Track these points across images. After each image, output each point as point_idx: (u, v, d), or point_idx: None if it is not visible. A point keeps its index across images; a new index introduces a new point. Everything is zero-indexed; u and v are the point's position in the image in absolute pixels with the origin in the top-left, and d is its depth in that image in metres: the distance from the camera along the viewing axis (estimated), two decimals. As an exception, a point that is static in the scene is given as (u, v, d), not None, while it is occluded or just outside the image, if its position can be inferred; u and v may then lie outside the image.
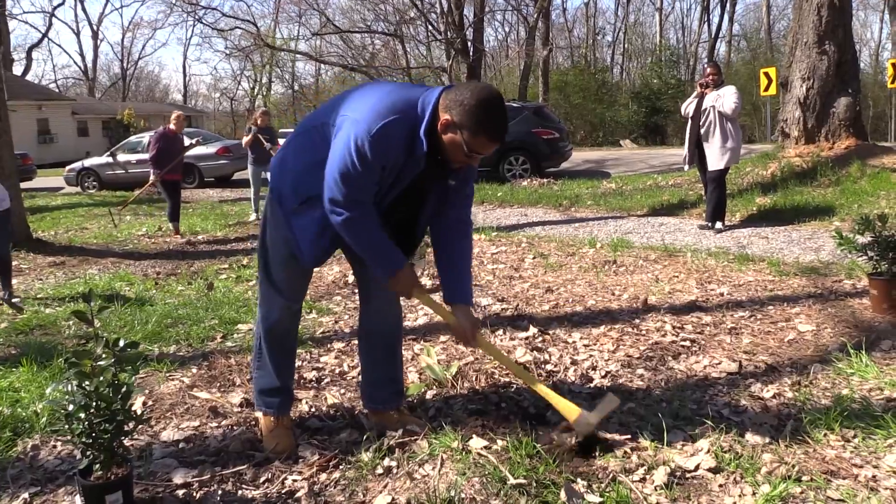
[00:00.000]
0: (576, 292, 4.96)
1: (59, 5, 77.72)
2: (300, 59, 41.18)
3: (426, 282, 5.51)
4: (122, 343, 2.26)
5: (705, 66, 7.69)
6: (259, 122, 10.31)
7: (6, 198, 5.55)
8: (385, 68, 33.09)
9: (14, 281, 6.52)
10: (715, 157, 7.10)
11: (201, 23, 35.20)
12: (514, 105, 15.01)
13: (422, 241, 2.67)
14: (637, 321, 4.12)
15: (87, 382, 2.18)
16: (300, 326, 4.37)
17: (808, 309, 4.25)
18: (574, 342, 3.79)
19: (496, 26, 45.09)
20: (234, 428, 2.84)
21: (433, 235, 2.56)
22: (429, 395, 3.04)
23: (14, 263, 7.37)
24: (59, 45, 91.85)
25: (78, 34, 67.66)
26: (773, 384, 3.06)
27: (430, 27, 29.33)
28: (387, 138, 2.16)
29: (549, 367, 3.34)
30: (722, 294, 4.69)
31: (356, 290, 5.34)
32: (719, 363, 3.33)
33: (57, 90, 46.23)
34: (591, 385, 3.13)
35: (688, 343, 3.66)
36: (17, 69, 42.12)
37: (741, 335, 3.80)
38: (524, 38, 29.75)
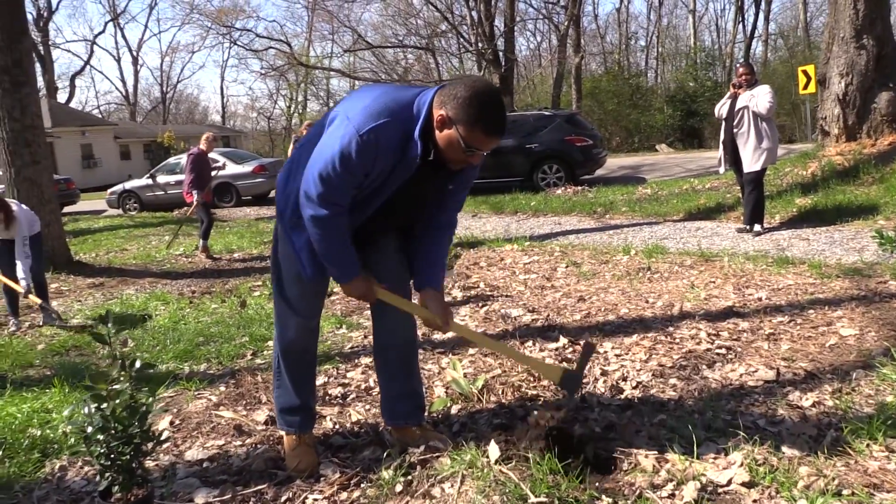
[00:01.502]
0: (608, 301, 4.85)
1: (100, 33, 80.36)
2: (334, 75, 41.63)
3: (457, 293, 5.47)
4: (138, 364, 2.25)
5: (738, 66, 7.53)
6: (305, 133, 10.39)
7: (37, 222, 5.67)
8: (417, 82, 33.29)
9: (54, 303, 6.68)
10: (750, 159, 6.93)
11: (236, 45, 35.95)
12: (546, 113, 14.93)
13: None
14: (671, 329, 4.01)
15: (104, 405, 2.18)
16: (329, 342, 4.39)
17: (851, 312, 4.08)
18: (605, 352, 3.69)
19: (528, 36, 45.06)
20: (258, 446, 2.82)
21: (416, 232, 2.53)
22: (454, 409, 2.98)
23: (55, 286, 7.56)
24: (101, 72, 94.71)
25: (119, 60, 69.43)
26: (813, 392, 2.93)
27: (461, 39, 29.47)
28: (376, 142, 2.11)
29: (577, 378, 3.25)
30: (760, 299, 4.54)
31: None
32: (756, 371, 3.20)
33: (100, 116, 47.53)
34: (622, 397, 3.04)
35: (723, 351, 3.54)
36: (62, 97, 43.49)
37: (780, 341, 3.66)
38: (556, 46, 29.65)
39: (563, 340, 3.88)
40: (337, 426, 2.95)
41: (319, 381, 3.51)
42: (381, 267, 2.52)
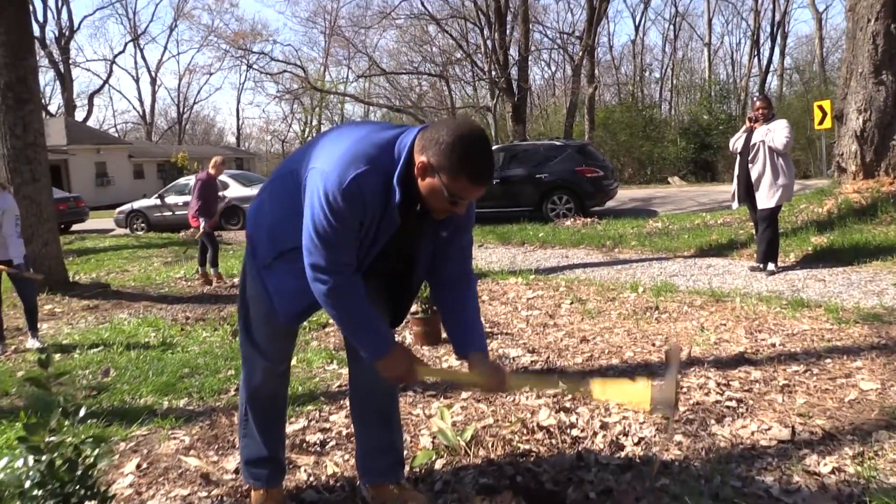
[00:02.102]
0: (613, 342, 4.62)
1: (120, 53, 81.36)
2: (348, 100, 41.87)
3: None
4: (82, 412, 2.04)
5: (755, 99, 7.33)
6: None
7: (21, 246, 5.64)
8: (430, 108, 33.37)
9: (45, 325, 6.52)
10: (765, 195, 6.70)
11: (251, 68, 36.25)
12: (557, 143, 14.79)
13: (412, 303, 2.41)
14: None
15: (43, 457, 1.97)
16: (317, 379, 4.18)
17: (872, 363, 3.83)
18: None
19: (542, 65, 45.27)
20: (224, 499, 2.60)
21: (433, 294, 2.29)
22: (438, 464, 2.75)
23: (48, 307, 7.40)
24: (120, 92, 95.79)
25: (137, 81, 70.58)
26: (832, 455, 2.68)
27: (475, 67, 29.55)
28: (360, 191, 1.90)
29: (575, 431, 3.01)
30: (773, 345, 4.29)
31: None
32: (769, 429, 2.95)
33: (116, 135, 47.92)
34: (622, 455, 2.79)
35: (734, 403, 3.29)
36: (80, 115, 43.86)
37: (795, 394, 3.41)
38: (570, 76, 29.66)
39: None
40: (311, 478, 2.72)
41: (298, 424, 3.29)
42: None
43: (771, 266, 6.89)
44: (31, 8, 7.57)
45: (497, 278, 7.47)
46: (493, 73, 24.40)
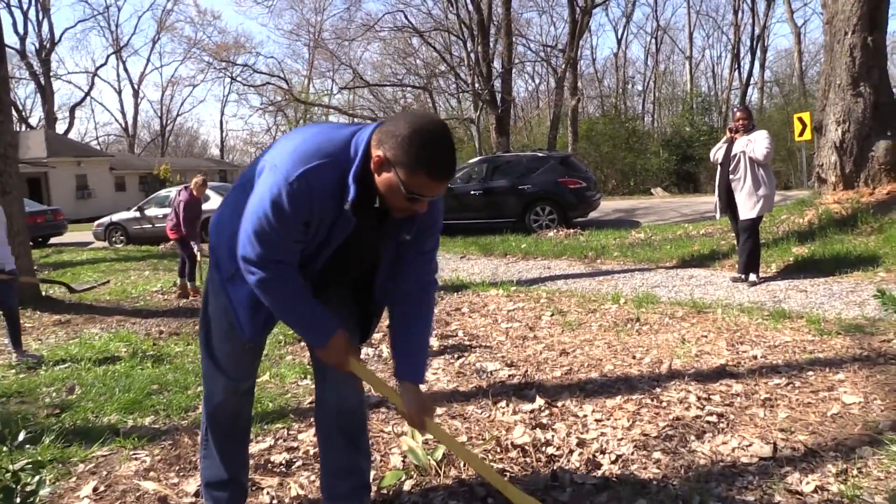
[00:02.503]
0: (593, 355, 4.53)
1: (102, 66, 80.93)
2: (333, 112, 41.81)
3: (433, 343, 5.14)
4: (21, 436, 1.92)
5: (735, 110, 7.32)
6: None
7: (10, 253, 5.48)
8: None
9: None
10: (746, 206, 6.67)
11: (234, 80, 36.08)
12: (540, 154, 14.78)
13: (380, 313, 2.30)
14: (658, 390, 3.68)
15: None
16: (288, 395, 4.05)
17: (854, 375, 3.76)
18: (585, 416, 3.36)
19: (526, 77, 45.45)
20: (182, 524, 2.47)
21: (389, 299, 2.19)
22: (407, 485, 2.63)
23: (20, 322, 7.21)
24: (102, 104, 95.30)
25: (120, 93, 69.79)
26: (815, 473, 2.60)
27: (459, 79, 29.59)
28: (308, 188, 1.81)
29: (550, 449, 2.90)
30: (755, 357, 4.22)
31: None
32: (750, 445, 2.87)
33: (98, 147, 47.51)
34: (598, 474, 2.69)
35: (714, 418, 3.20)
36: (61, 127, 43.46)
37: (776, 408, 3.33)
38: (553, 89, 29.77)
39: (539, 402, 3.54)
40: (274, 501, 2.60)
41: (265, 443, 3.17)
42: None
43: (752, 277, 6.85)
44: (4, 19, 7.41)
45: (478, 290, 7.38)
46: (477, 85, 24.43)
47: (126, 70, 62.27)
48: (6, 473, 1.87)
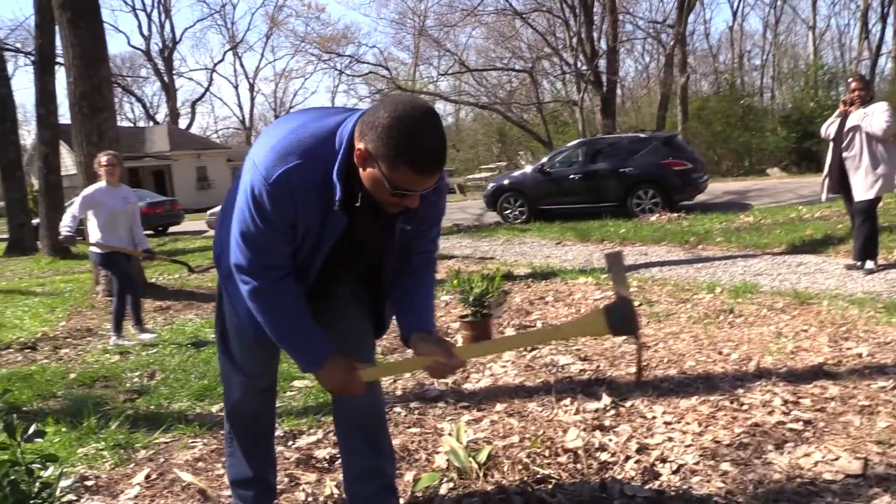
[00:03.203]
0: (675, 350, 4.21)
1: (219, 62, 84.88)
2: (438, 99, 41.99)
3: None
4: (33, 430, 1.91)
5: (850, 80, 6.65)
6: None
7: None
8: (516, 105, 32.94)
9: (108, 325, 6.66)
10: (862, 186, 6.04)
11: (342, 73, 36.89)
12: (642, 136, 14.17)
13: (391, 317, 2.15)
14: (740, 391, 3.35)
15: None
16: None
17: (977, 379, 3.28)
18: (653, 418, 3.09)
19: (636, 56, 43.90)
20: (217, 520, 2.44)
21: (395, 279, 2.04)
22: (444, 488, 2.48)
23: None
24: (220, 99, 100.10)
25: (237, 87, 73.20)
26: (911, 495, 2.25)
27: (562, 61, 28.93)
28: (290, 190, 1.67)
29: (604, 455, 2.67)
30: (860, 356, 3.77)
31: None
32: (836, 459, 2.53)
33: (218, 140, 49.94)
34: (654, 486, 2.44)
35: (799, 426, 2.86)
36: (183, 123, 45.95)
37: (875, 416, 2.94)
38: (663, 67, 28.55)
39: (605, 400, 3.30)
40: (309, 498, 2.52)
41: (313, 437, 3.12)
42: (337, 324, 2.08)
43: (869, 264, 6.21)
44: (130, 22, 7.77)
45: (566, 278, 7.10)
46: (580, 65, 23.77)
47: (242, 65, 65.45)
48: (16, 468, 1.86)
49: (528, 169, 15.20)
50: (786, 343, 4.11)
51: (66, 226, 5.55)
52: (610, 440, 2.79)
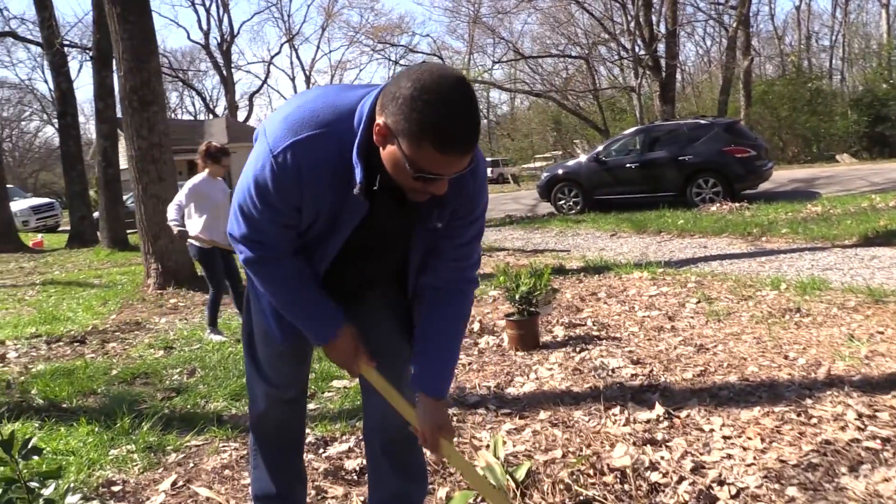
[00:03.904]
0: (736, 353, 3.92)
1: (276, 55, 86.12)
2: (491, 88, 41.61)
3: (559, 332, 4.73)
4: (32, 443, 1.79)
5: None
6: None
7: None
8: (572, 92, 32.34)
9: (164, 320, 6.69)
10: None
11: (397, 63, 36.87)
12: (703, 122, 13.63)
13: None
14: (808, 402, 3.06)
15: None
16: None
17: None
18: (711, 431, 2.84)
19: (697, 39, 42.64)
20: (236, 536, 2.30)
21: (419, 294, 1.83)
22: (478, 509, 2.30)
23: (173, 301, 7.64)
24: (277, 91, 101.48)
25: (293, 79, 73.81)
26: None
27: (620, 46, 28.23)
28: (296, 165, 1.48)
29: (655, 476, 2.43)
30: (945, 362, 3.43)
31: (479, 340, 4.70)
32: (922, 485, 2.24)
33: (275, 132, 50.47)
34: (710, 512, 2.20)
35: (877, 444, 2.57)
36: (241, 115, 46.70)
37: (966, 434, 2.62)
38: (724, 50, 27.58)
39: (658, 410, 3.05)
40: (335, 516, 2.37)
41: (344, 445, 2.96)
42: (368, 332, 1.89)
43: (952, 258, 5.75)
44: (189, 17, 7.81)
45: (621, 272, 6.81)
46: (636, 49, 23.10)
47: (298, 57, 66.01)
48: (15, 486, 1.74)
49: (583, 158, 14.83)
50: (859, 347, 3.78)
51: (174, 220, 5.46)
52: (662, 458, 2.55)
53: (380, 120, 1.41)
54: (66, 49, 16.71)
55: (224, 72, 44.04)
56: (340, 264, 1.73)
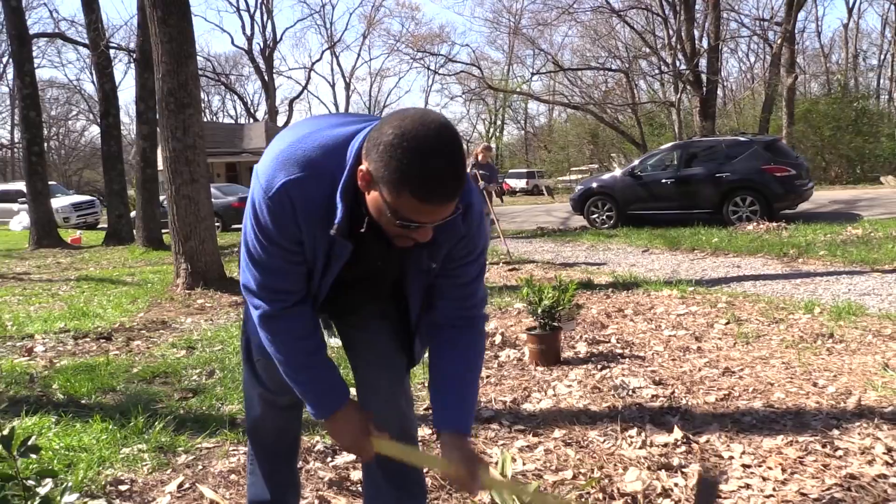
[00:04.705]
0: (763, 378, 3.79)
1: (317, 61, 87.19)
2: (529, 100, 41.54)
3: (581, 348, 4.64)
4: (32, 441, 1.77)
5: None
6: (479, 157, 9.82)
7: None
8: (611, 105, 32.11)
9: (189, 320, 6.74)
10: None
11: (436, 73, 37.00)
12: (742, 139, 13.39)
13: (425, 349, 1.90)
14: (835, 432, 2.93)
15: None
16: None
17: None
18: (730, 459, 2.73)
19: (740, 56, 42.10)
20: (235, 543, 2.27)
21: (429, 337, 1.78)
22: (481, 530, 2.23)
23: (200, 301, 7.70)
24: (318, 97, 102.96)
25: (333, 86, 74.88)
26: None
27: (660, 60, 27.97)
28: (290, 205, 1.46)
29: (667, 503, 2.34)
30: (984, 397, 3.27)
31: (500, 353, 4.64)
32: (951, 528, 2.12)
33: (313, 138, 51.10)
34: (723, 545, 2.11)
35: (905, 481, 2.44)
36: (281, 120, 47.31)
37: None
38: (768, 67, 27.15)
39: (676, 434, 2.95)
40: (335, 528, 2.32)
41: (351, 455, 2.91)
42: (361, 336, 1.87)
43: None
44: (234, 22, 7.90)
45: (650, 289, 6.69)
46: (677, 64, 22.87)
47: (339, 64, 67.06)
48: (11, 484, 1.73)
49: (618, 172, 14.69)
50: (893, 377, 3.62)
51: None
52: (676, 484, 2.46)
53: (363, 166, 1.39)
54: (111, 51, 17.09)
55: (266, 77, 44.72)
56: (332, 296, 1.71)
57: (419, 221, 1.38)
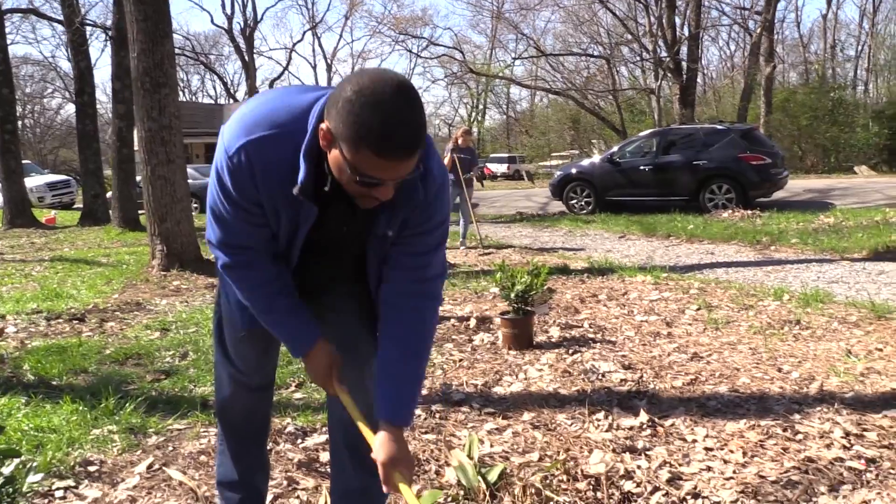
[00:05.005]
0: (730, 363, 3.86)
1: (299, 42, 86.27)
2: (512, 85, 41.46)
3: (554, 332, 4.69)
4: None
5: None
6: (460, 141, 9.78)
7: None
8: (592, 92, 32.16)
9: (164, 301, 6.70)
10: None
11: (418, 56, 36.80)
12: (719, 127, 13.50)
13: None
14: (796, 417, 3.00)
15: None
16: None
17: None
18: (693, 442, 2.79)
19: (721, 44, 42.29)
20: (204, 523, 2.29)
21: (379, 311, 1.77)
22: (445, 510, 2.27)
23: (176, 283, 7.65)
24: (298, 78, 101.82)
25: (314, 67, 74.10)
26: None
27: (641, 47, 28.03)
28: (248, 164, 1.48)
29: (629, 485, 2.39)
30: (941, 383, 3.36)
31: (474, 337, 4.68)
32: (901, 509, 2.19)
33: (293, 119, 50.71)
34: (681, 525, 2.16)
35: (860, 464, 2.51)
36: (261, 101, 46.85)
37: (954, 458, 2.56)
38: (747, 56, 27.31)
39: (642, 417, 3.01)
40: (303, 509, 2.35)
41: (322, 437, 2.94)
42: (332, 319, 1.88)
43: (961, 277, 5.65)
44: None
45: (624, 275, 6.76)
46: (657, 51, 22.93)
47: (321, 46, 66.41)
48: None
49: (597, 158, 14.76)
50: (856, 363, 3.71)
51: None
52: (639, 466, 2.51)
53: (323, 125, 1.41)
54: (86, 28, 16.79)
55: (246, 57, 44.20)
56: (301, 265, 1.73)
57: (379, 177, 1.39)
